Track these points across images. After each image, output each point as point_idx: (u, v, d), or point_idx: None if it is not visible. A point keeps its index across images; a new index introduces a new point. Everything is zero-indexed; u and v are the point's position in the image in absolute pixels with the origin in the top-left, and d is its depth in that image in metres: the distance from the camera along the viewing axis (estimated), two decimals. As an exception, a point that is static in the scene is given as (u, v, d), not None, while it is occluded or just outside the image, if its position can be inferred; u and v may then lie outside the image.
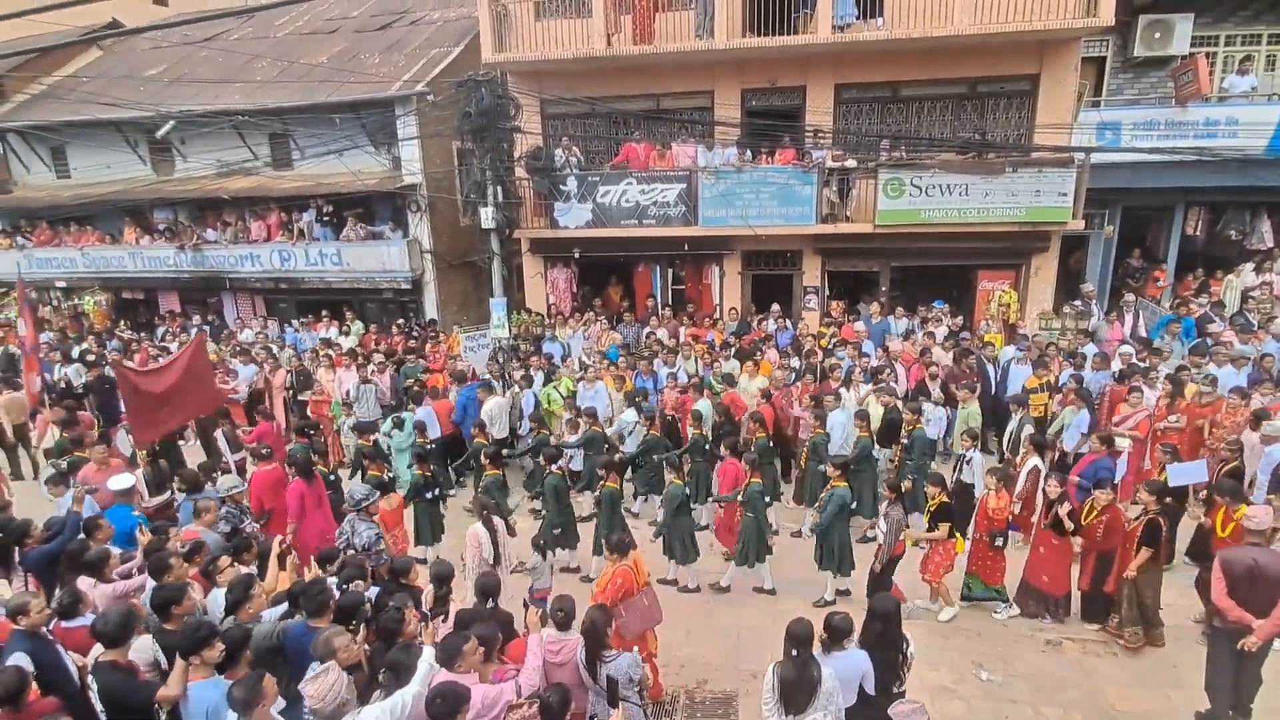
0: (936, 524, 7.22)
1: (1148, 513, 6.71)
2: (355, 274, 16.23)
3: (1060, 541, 7.08)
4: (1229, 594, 5.54)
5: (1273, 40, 13.69)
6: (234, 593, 5.09)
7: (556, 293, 15.12)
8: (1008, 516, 7.36)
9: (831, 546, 7.58)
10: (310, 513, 7.65)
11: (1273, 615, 5.35)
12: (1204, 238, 14.46)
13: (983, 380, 10.78)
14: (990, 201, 12.38)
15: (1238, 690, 5.74)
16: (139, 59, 20.28)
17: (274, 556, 6.13)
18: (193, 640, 4.32)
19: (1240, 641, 5.45)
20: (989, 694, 6.46)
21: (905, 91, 13.54)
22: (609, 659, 4.73)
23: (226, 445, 9.85)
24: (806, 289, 14.19)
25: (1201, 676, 5.97)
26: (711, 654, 7.11)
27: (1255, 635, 5.39)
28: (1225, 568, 5.59)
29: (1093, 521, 7.00)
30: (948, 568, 7.37)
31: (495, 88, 12.26)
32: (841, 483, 7.48)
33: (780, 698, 4.45)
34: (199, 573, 5.77)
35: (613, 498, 7.88)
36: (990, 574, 7.50)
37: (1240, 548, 5.68)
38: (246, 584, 5.16)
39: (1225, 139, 12.77)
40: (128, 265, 17.82)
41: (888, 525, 7.12)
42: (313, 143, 15.45)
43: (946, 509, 7.23)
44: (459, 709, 3.88)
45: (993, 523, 7.28)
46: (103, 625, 4.55)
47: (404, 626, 4.76)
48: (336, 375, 12.24)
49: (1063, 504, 7.02)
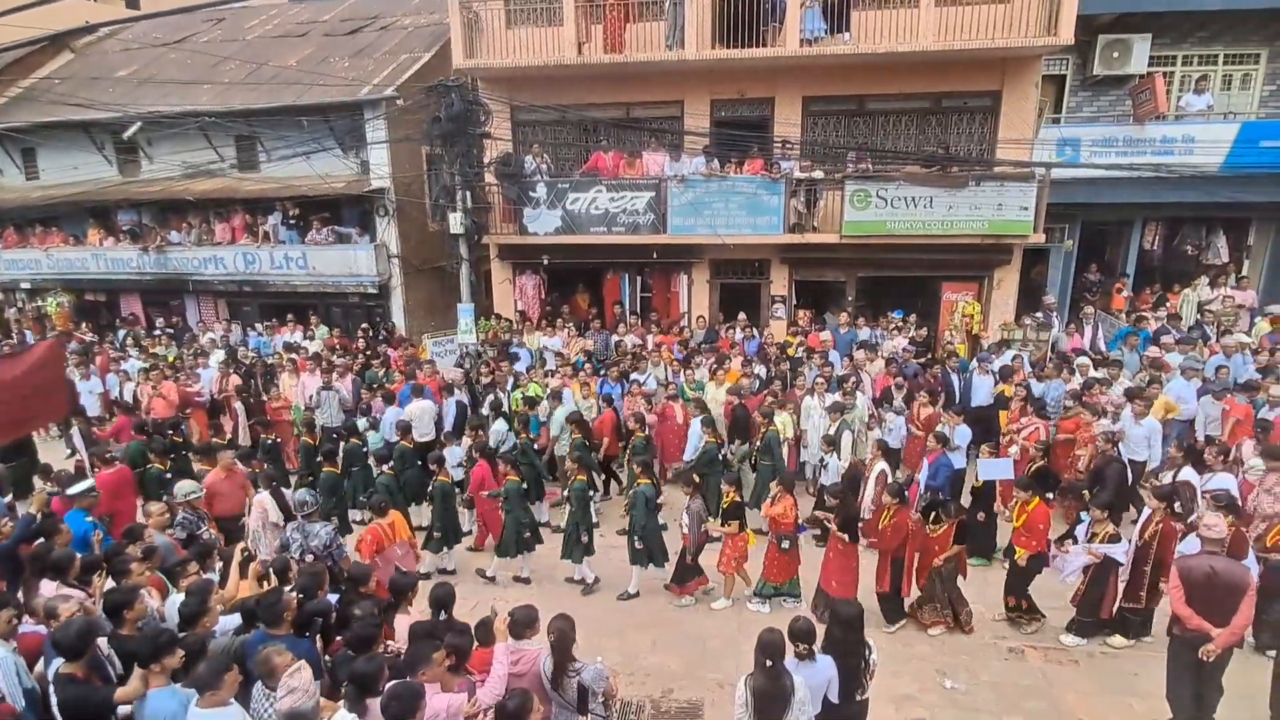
0: (728, 520, 7.73)
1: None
2: (321, 278, 16.03)
3: (846, 547, 7.35)
4: (1187, 602, 5.56)
5: (1228, 61, 14.08)
6: (190, 604, 4.96)
7: (525, 299, 15.03)
8: (795, 520, 7.62)
9: (643, 541, 7.88)
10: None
11: (1231, 624, 5.38)
12: (1161, 252, 14.80)
13: (946, 390, 10.93)
14: (954, 214, 12.56)
15: (1199, 700, 5.73)
16: (110, 61, 20.00)
17: (234, 564, 5.98)
18: (153, 647, 4.21)
19: (1200, 650, 5.47)
20: (953, 702, 6.48)
21: (871, 105, 13.71)
22: (576, 669, 4.66)
23: (81, 442, 9.09)
24: (774, 298, 14.27)
25: (1162, 685, 5.98)
26: (677, 663, 7.07)
27: (1214, 644, 5.40)
28: (1184, 576, 5.61)
29: (886, 525, 7.25)
30: (740, 560, 7.81)
31: (465, 93, 12.23)
32: (645, 480, 7.90)
33: (754, 711, 4.42)
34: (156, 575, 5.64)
35: (582, 491, 8.00)
36: (777, 573, 7.80)
37: (1199, 556, 5.70)
38: (203, 595, 5.02)
39: (1182, 156, 13.06)
40: (91, 267, 17.52)
41: (689, 518, 7.64)
42: (280, 145, 15.31)
43: (738, 506, 7.75)
44: (415, 708, 3.80)
45: (779, 525, 7.54)
46: (62, 635, 4.41)
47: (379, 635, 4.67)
48: (299, 380, 12.06)
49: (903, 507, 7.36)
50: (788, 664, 4.54)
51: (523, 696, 4.09)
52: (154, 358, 13.48)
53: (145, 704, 4.14)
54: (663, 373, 11.76)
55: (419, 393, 10.95)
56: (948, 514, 7.22)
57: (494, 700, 4.28)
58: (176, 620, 5.01)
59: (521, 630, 4.77)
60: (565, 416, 10.04)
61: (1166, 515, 6.89)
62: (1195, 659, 5.54)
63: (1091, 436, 8.94)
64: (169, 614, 5.26)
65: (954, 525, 7.17)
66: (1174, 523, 6.97)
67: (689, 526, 7.74)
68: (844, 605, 5.20)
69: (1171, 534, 6.85)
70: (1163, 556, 6.79)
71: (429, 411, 10.79)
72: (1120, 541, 6.85)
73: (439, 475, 8.54)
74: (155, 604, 5.40)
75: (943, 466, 8.48)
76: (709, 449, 9.40)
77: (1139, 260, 14.83)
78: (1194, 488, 7.82)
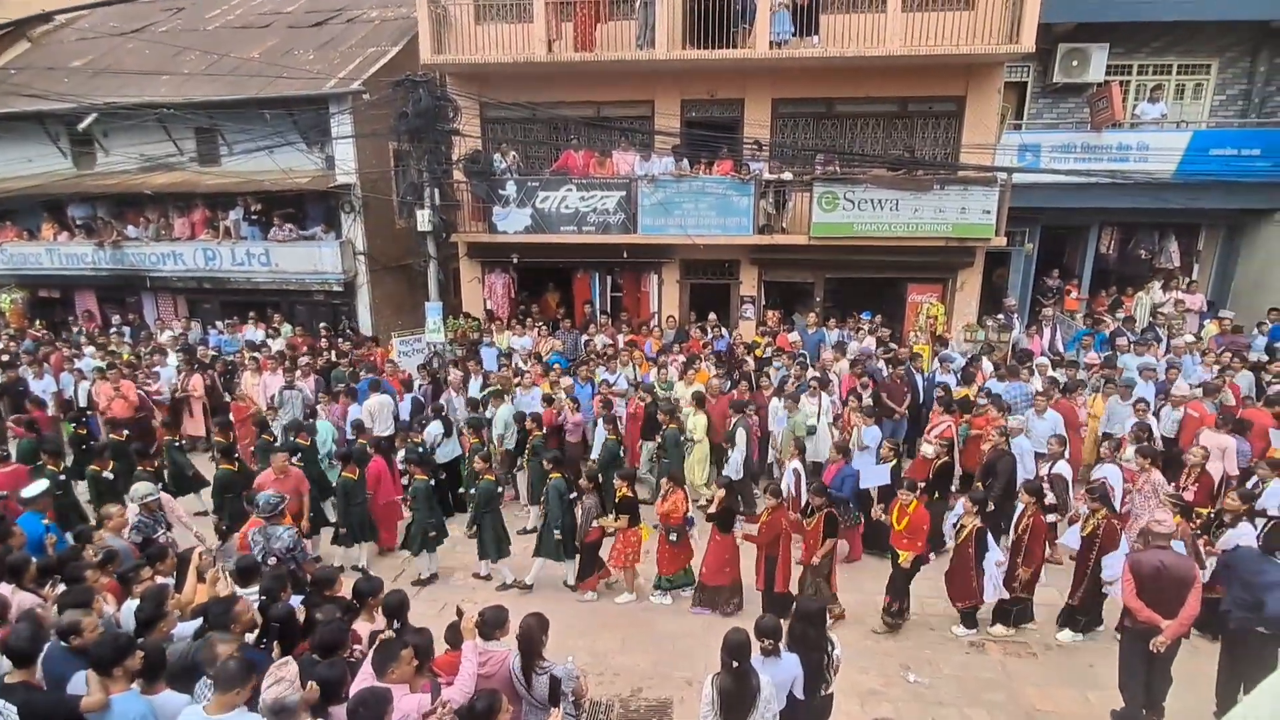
0: (620, 515, 7.91)
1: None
2: (285, 275, 15.73)
3: (722, 539, 7.65)
4: (1138, 595, 5.75)
5: (1181, 71, 14.54)
6: (145, 609, 4.84)
7: (494, 298, 14.93)
8: (684, 514, 7.82)
9: (554, 536, 8.04)
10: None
11: (1179, 616, 5.57)
12: (1116, 256, 15.23)
13: (911, 390, 11.11)
14: (919, 216, 12.77)
15: (1150, 689, 5.95)
16: (65, 51, 19.37)
17: (192, 568, 5.87)
18: (113, 650, 4.09)
19: (1150, 642, 5.65)
20: (917, 696, 6.60)
21: (839, 108, 13.88)
22: (545, 667, 4.65)
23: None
24: (743, 299, 14.37)
25: (1116, 676, 6.17)
26: (645, 662, 7.10)
27: (1163, 635, 5.60)
28: (1134, 570, 5.79)
29: (762, 522, 7.49)
30: (632, 555, 7.98)
31: (434, 89, 12.11)
32: (557, 474, 8.00)
33: (719, 710, 4.47)
34: (114, 580, 5.50)
35: (559, 489, 8.04)
36: (668, 565, 8.06)
37: (1149, 551, 5.86)
38: (158, 600, 4.92)
39: (1137, 163, 13.45)
40: (45, 263, 17.00)
41: (582, 513, 7.89)
42: (242, 139, 14.93)
43: (628, 502, 7.88)
44: (383, 713, 3.77)
45: (669, 520, 7.79)
46: (15, 640, 4.28)
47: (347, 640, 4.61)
48: (262, 379, 11.85)
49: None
50: (754, 661, 4.60)
51: (491, 697, 4.08)
52: (111, 356, 13.13)
53: (111, 711, 4.03)
54: (632, 372, 11.78)
55: (376, 387, 10.90)
56: (816, 510, 7.33)
57: (463, 698, 4.26)
58: (133, 626, 4.90)
59: (491, 631, 4.75)
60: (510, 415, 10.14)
61: (1037, 510, 7.15)
62: (1146, 650, 5.74)
63: (989, 433, 9.18)
64: (124, 620, 5.14)
65: (823, 519, 7.23)
66: (1044, 516, 7.26)
67: (581, 521, 7.94)
68: (806, 603, 5.28)
69: (1041, 527, 7.13)
70: (1033, 549, 7.12)
71: (388, 406, 10.71)
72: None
73: (416, 474, 8.45)
74: (111, 610, 5.28)
75: (848, 478, 8.50)
76: (609, 446, 9.43)
77: (1096, 263, 15.26)
78: (1066, 480, 8.31)
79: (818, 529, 7.23)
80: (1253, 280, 14.37)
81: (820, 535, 7.22)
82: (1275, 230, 13.84)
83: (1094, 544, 6.97)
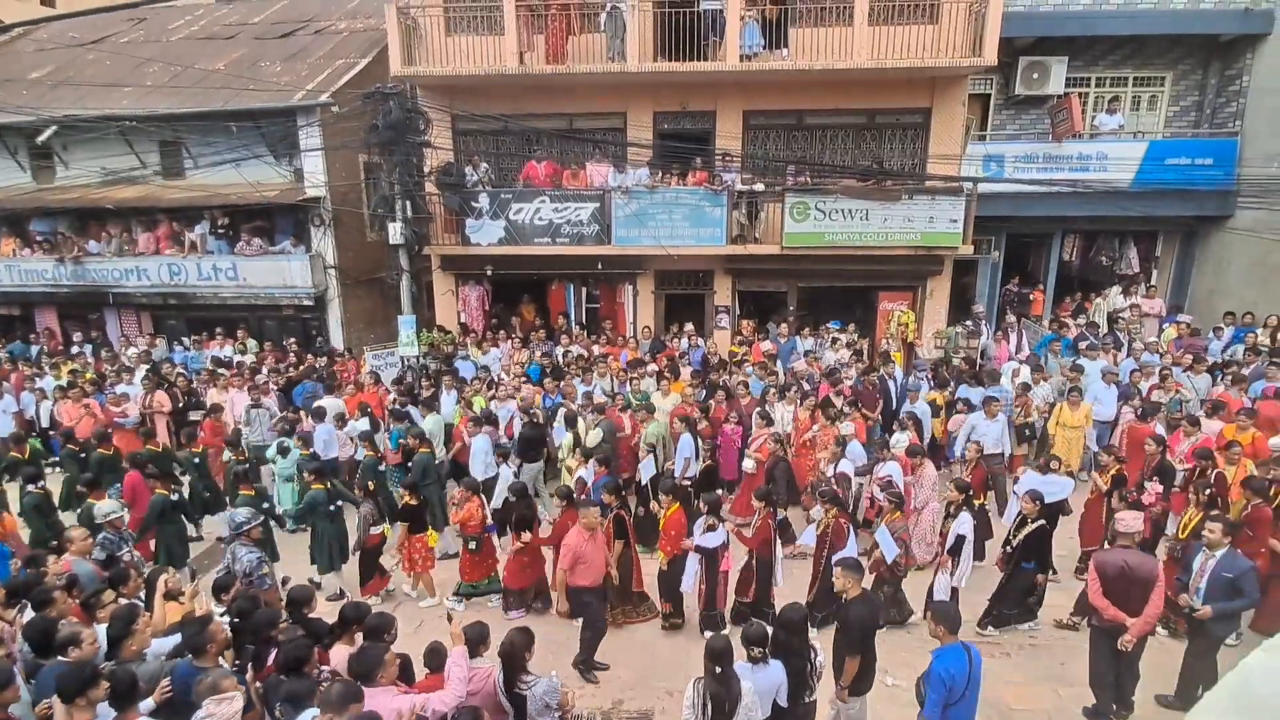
0: (400, 522, 8.18)
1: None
2: (253, 289, 15.47)
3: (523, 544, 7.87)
4: (1103, 594, 5.89)
5: (1137, 83, 15.02)
6: (114, 627, 4.71)
7: (468, 311, 14.84)
8: (481, 522, 8.07)
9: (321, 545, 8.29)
10: None
11: (1144, 614, 5.70)
12: (1079, 263, 15.64)
13: (884, 397, 11.27)
14: (889, 226, 12.98)
15: (1119, 685, 6.09)
16: (24, 62, 18.95)
17: (159, 592, 5.73)
18: (76, 681, 3.96)
19: (1118, 640, 5.78)
20: (894, 698, 6.63)
21: (809, 120, 14.07)
22: (528, 683, 4.63)
23: None
24: (718, 308, 14.47)
25: (1086, 673, 6.30)
26: (627, 673, 7.08)
27: (1129, 633, 5.73)
28: (1099, 569, 5.92)
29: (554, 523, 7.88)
30: (422, 560, 8.25)
31: (404, 101, 12.03)
32: (318, 485, 8.24)
33: (701, 712, 4.48)
34: (78, 606, 5.36)
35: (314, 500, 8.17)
36: (471, 572, 8.27)
37: (1113, 550, 6.03)
38: (128, 618, 4.80)
39: (1096, 172, 13.87)
40: (3, 279, 16.55)
41: (359, 521, 8.10)
42: (207, 151, 14.71)
43: (410, 509, 8.15)
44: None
45: (467, 528, 8.01)
46: None
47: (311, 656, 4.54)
48: (228, 396, 11.63)
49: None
50: (740, 668, 4.62)
51: (473, 713, 4.07)
52: (73, 374, 12.81)
53: None
54: (608, 384, 11.78)
55: (315, 395, 11.00)
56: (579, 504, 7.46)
57: (455, 702, 4.24)
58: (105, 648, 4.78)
59: (474, 647, 4.73)
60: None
61: (836, 515, 7.27)
62: (1114, 647, 5.87)
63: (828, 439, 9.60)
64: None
65: (612, 520, 7.38)
66: (843, 520, 7.36)
67: (358, 529, 8.11)
68: (789, 610, 5.31)
69: (841, 531, 7.18)
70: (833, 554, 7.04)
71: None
72: (718, 531, 7.24)
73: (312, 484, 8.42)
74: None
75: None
76: (422, 459, 9.35)
77: (1059, 270, 15.63)
78: (849, 478, 8.74)
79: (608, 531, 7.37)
80: (1208, 285, 14.85)
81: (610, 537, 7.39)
82: (1228, 237, 14.30)
83: (825, 542, 7.20)
